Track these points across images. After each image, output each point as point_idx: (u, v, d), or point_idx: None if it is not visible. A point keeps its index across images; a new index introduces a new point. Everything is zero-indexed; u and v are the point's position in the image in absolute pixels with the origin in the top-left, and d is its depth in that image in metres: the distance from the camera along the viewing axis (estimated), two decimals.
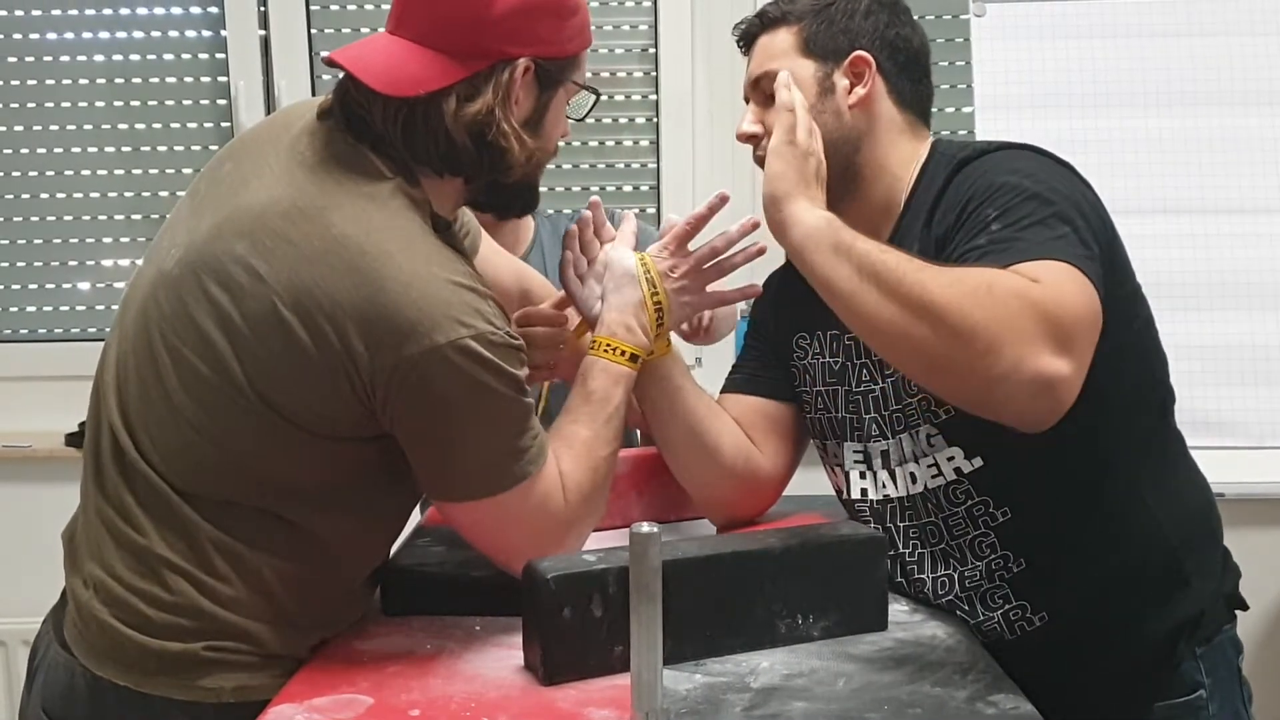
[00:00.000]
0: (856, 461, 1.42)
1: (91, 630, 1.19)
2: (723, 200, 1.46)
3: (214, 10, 2.72)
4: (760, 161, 1.40)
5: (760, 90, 1.42)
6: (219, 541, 1.17)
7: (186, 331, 1.16)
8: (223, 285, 1.15)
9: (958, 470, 1.31)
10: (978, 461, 1.30)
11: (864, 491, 1.41)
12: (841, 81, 1.38)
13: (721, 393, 1.60)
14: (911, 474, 1.35)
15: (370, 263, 1.11)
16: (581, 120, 1.35)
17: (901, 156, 1.39)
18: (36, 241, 2.78)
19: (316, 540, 1.21)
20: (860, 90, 1.37)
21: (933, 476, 1.33)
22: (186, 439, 1.17)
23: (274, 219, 1.15)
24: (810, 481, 1.62)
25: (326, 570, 1.23)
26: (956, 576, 1.34)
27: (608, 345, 1.37)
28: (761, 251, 1.47)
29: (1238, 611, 1.40)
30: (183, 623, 1.17)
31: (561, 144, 1.35)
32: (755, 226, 1.47)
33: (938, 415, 1.31)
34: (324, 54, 1.25)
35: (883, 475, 1.39)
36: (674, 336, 1.54)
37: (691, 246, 1.46)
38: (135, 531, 1.18)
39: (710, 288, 1.48)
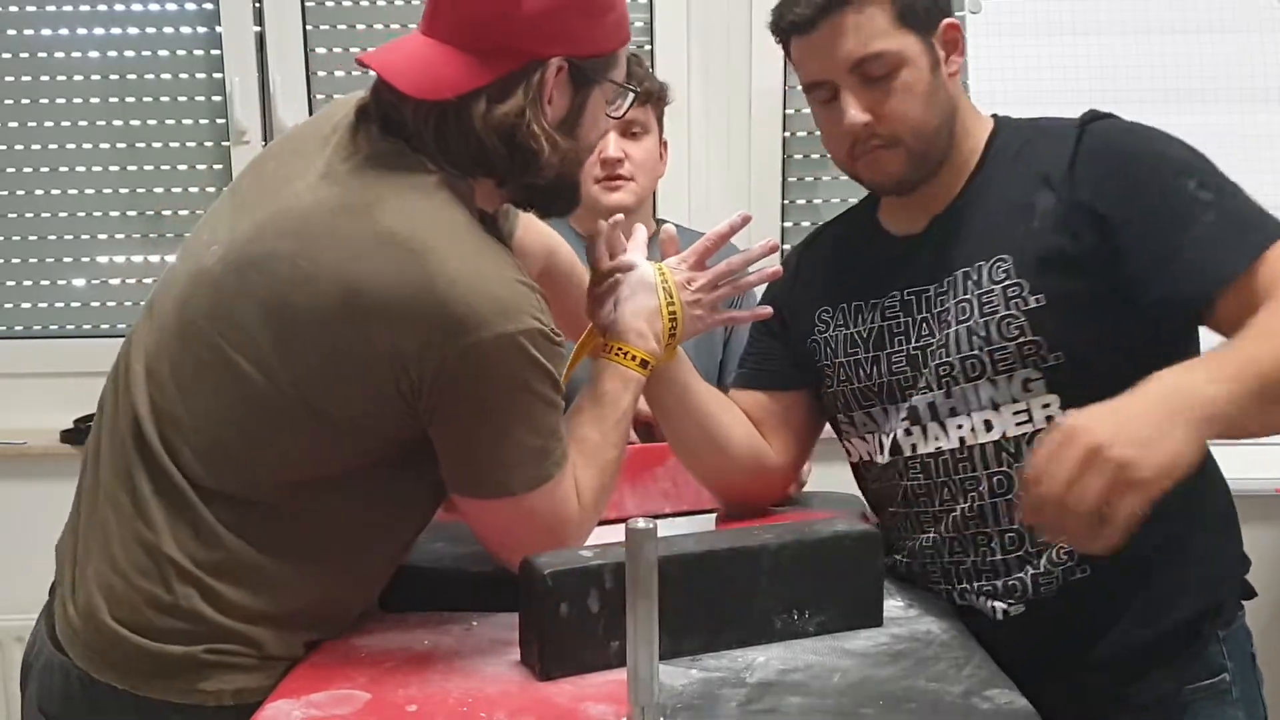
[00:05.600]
0: (903, 419, 1.39)
1: (89, 630, 1.18)
2: (744, 220, 1.47)
3: (209, 6, 2.71)
4: (867, 153, 1.34)
5: (862, 73, 1.32)
6: (230, 543, 1.16)
7: (228, 329, 1.15)
8: (270, 284, 1.14)
9: (1049, 419, 1.30)
10: (1070, 412, 1.30)
11: (914, 447, 1.38)
12: (940, 53, 1.35)
13: (731, 386, 1.61)
14: (986, 422, 1.32)
15: (417, 259, 1.11)
16: (621, 118, 1.33)
17: (973, 115, 1.40)
18: (31, 238, 2.77)
19: (332, 544, 1.21)
20: (957, 59, 1.35)
21: (1019, 424, 1.31)
22: (218, 435, 1.16)
23: (320, 217, 1.14)
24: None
25: (336, 575, 1.23)
26: (1025, 532, 1.32)
27: (620, 349, 1.37)
28: (777, 274, 1.50)
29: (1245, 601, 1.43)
30: (183, 626, 1.16)
31: None
32: (775, 249, 1.49)
33: (1045, 360, 1.29)
34: (357, 55, 1.25)
35: (933, 428, 1.36)
36: None
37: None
38: (146, 526, 1.17)
39: None
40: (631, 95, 1.31)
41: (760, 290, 1.58)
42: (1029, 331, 1.29)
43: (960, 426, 1.34)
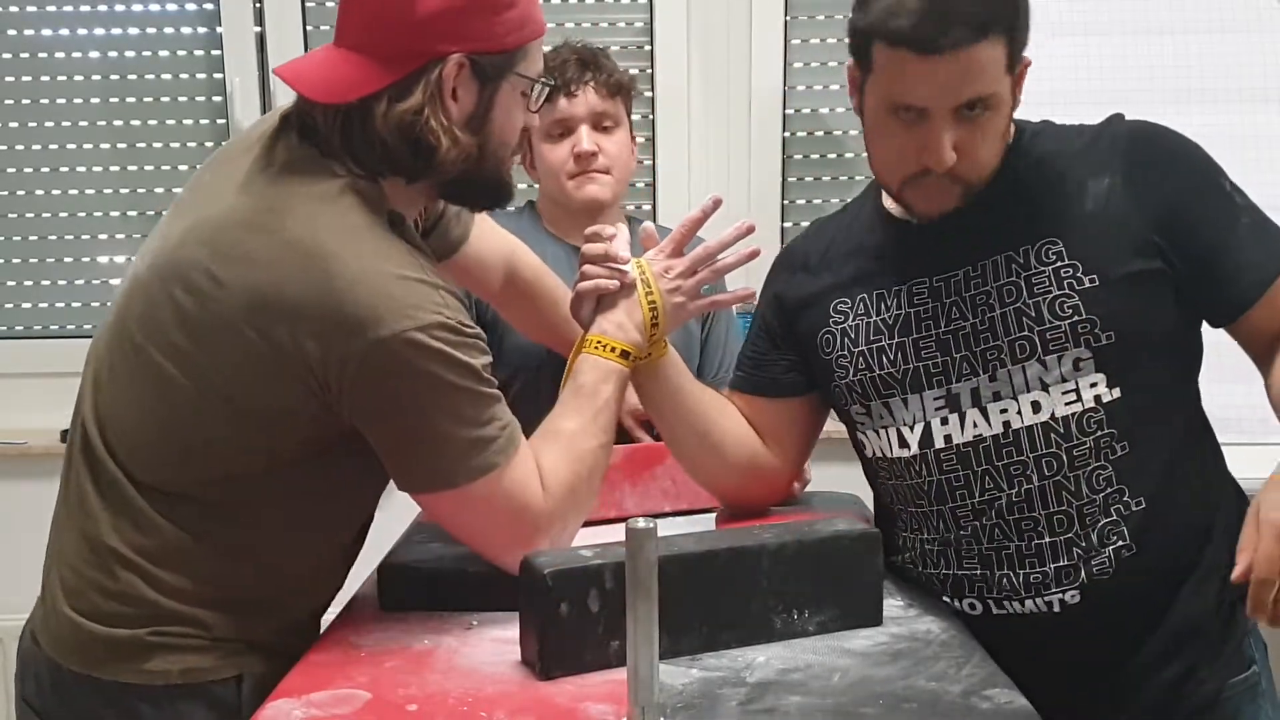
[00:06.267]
0: (938, 408, 1.37)
1: (52, 621, 1.25)
2: (716, 204, 1.47)
3: (209, 7, 2.71)
4: (928, 184, 1.30)
5: (964, 109, 1.26)
6: (168, 531, 1.21)
7: (154, 334, 1.20)
8: (186, 291, 1.18)
9: (1097, 399, 1.31)
10: (1116, 392, 1.31)
11: (948, 438, 1.37)
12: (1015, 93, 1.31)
13: (728, 388, 1.61)
14: (1034, 403, 1.32)
15: (317, 263, 1.15)
16: (535, 112, 1.34)
17: None
18: (31, 238, 2.77)
19: (265, 535, 1.24)
20: (1019, 95, 1.31)
21: (1068, 403, 1.32)
22: (150, 435, 1.21)
23: (231, 228, 1.19)
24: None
25: (274, 564, 1.26)
26: (1074, 513, 1.33)
27: (598, 342, 1.38)
28: (755, 254, 1.47)
29: None
30: (128, 610, 1.21)
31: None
32: (751, 230, 1.49)
33: (1098, 339, 1.31)
34: (274, 68, 1.29)
35: (973, 414, 1.35)
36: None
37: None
38: (89, 520, 1.23)
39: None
40: (546, 89, 1.32)
41: (732, 278, 1.57)
42: (1083, 311, 1.30)
43: (1004, 411, 1.34)
